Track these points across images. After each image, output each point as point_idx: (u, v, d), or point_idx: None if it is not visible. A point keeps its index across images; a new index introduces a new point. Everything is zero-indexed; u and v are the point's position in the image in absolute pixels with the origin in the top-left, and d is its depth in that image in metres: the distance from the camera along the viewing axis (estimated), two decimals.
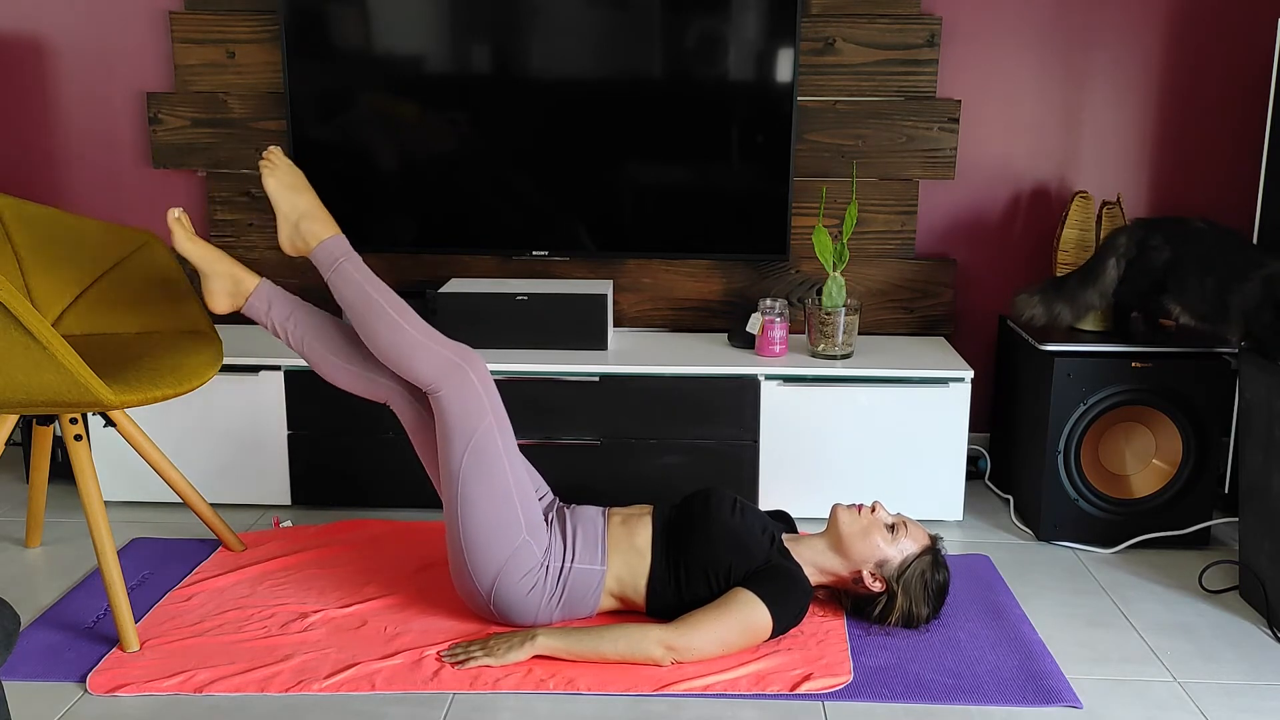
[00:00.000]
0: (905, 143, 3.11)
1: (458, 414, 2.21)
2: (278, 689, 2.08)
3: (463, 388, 2.21)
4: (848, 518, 2.31)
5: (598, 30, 2.97)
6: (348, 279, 2.27)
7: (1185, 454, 2.75)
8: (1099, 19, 3.08)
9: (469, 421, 2.21)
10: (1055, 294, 2.78)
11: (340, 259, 2.28)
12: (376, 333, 2.24)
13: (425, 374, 2.22)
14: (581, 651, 2.15)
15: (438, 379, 2.21)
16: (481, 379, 2.24)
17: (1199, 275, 2.58)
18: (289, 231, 2.31)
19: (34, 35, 3.20)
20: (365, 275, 2.27)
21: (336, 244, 2.29)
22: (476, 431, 2.21)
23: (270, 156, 2.32)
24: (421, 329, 2.25)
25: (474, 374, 2.23)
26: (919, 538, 2.31)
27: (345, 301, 2.27)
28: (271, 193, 2.31)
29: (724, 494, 2.36)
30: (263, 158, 2.33)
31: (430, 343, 2.23)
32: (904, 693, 2.08)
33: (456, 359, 2.23)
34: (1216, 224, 2.67)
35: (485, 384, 2.24)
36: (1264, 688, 2.14)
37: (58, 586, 2.52)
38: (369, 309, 2.24)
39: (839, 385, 2.83)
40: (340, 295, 2.28)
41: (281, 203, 2.30)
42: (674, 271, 3.22)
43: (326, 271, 2.28)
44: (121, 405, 2.15)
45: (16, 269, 2.54)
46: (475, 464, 2.21)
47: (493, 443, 2.22)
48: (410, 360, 2.22)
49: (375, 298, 2.25)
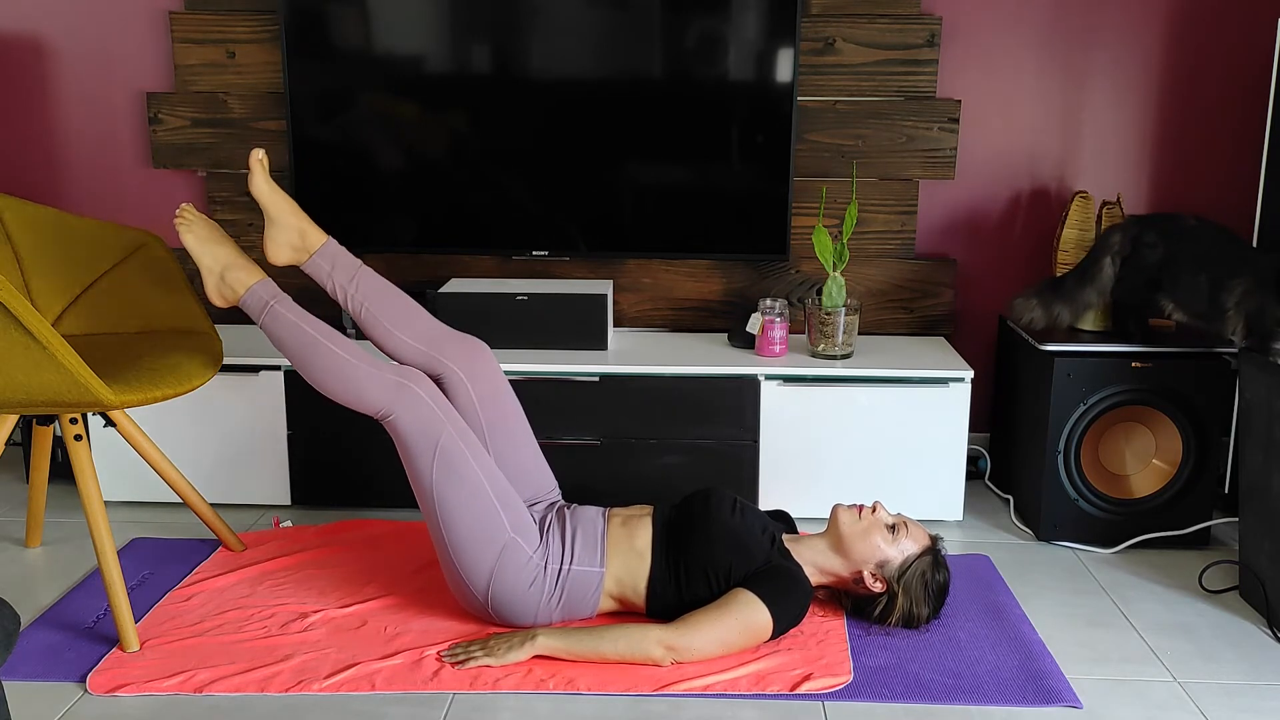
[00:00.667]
0: (905, 143, 3.11)
1: (415, 432, 2.22)
2: (278, 689, 2.08)
3: (413, 406, 2.23)
4: (848, 518, 2.31)
5: (598, 30, 2.97)
6: (280, 320, 2.29)
7: (1185, 454, 2.75)
8: (1099, 19, 3.08)
9: (427, 436, 2.22)
10: (1053, 295, 2.78)
11: (270, 301, 2.30)
12: (316, 368, 2.26)
13: (373, 401, 2.23)
14: (581, 652, 2.15)
15: (387, 403, 2.23)
16: (430, 394, 2.26)
17: (1192, 273, 2.58)
18: (214, 283, 2.34)
19: (34, 35, 3.20)
20: (299, 314, 2.29)
21: (264, 288, 2.32)
22: (438, 444, 2.22)
23: (184, 214, 2.37)
24: (362, 358, 2.26)
25: (421, 390, 2.25)
26: (919, 538, 2.31)
27: (282, 344, 2.29)
28: (191, 248, 2.35)
29: (724, 494, 2.36)
30: (177, 215, 2.36)
31: (371, 369, 2.24)
32: (904, 693, 2.08)
33: (400, 379, 2.24)
34: (1208, 220, 2.67)
35: (434, 397, 2.26)
36: (1264, 688, 2.14)
37: (58, 586, 2.52)
38: (305, 345, 2.26)
39: (839, 385, 2.83)
40: (276, 338, 2.30)
41: (204, 257, 2.34)
42: (674, 271, 3.22)
43: (258, 316, 2.30)
44: (121, 405, 2.15)
45: (16, 269, 2.54)
46: (444, 474, 2.21)
47: (457, 451, 2.23)
48: (356, 390, 2.24)
49: (310, 333, 2.27)
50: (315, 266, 2.38)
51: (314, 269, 2.38)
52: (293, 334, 2.27)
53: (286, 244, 2.37)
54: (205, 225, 2.37)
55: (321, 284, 2.40)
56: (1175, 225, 2.66)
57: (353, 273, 2.39)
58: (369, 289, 2.39)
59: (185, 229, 2.35)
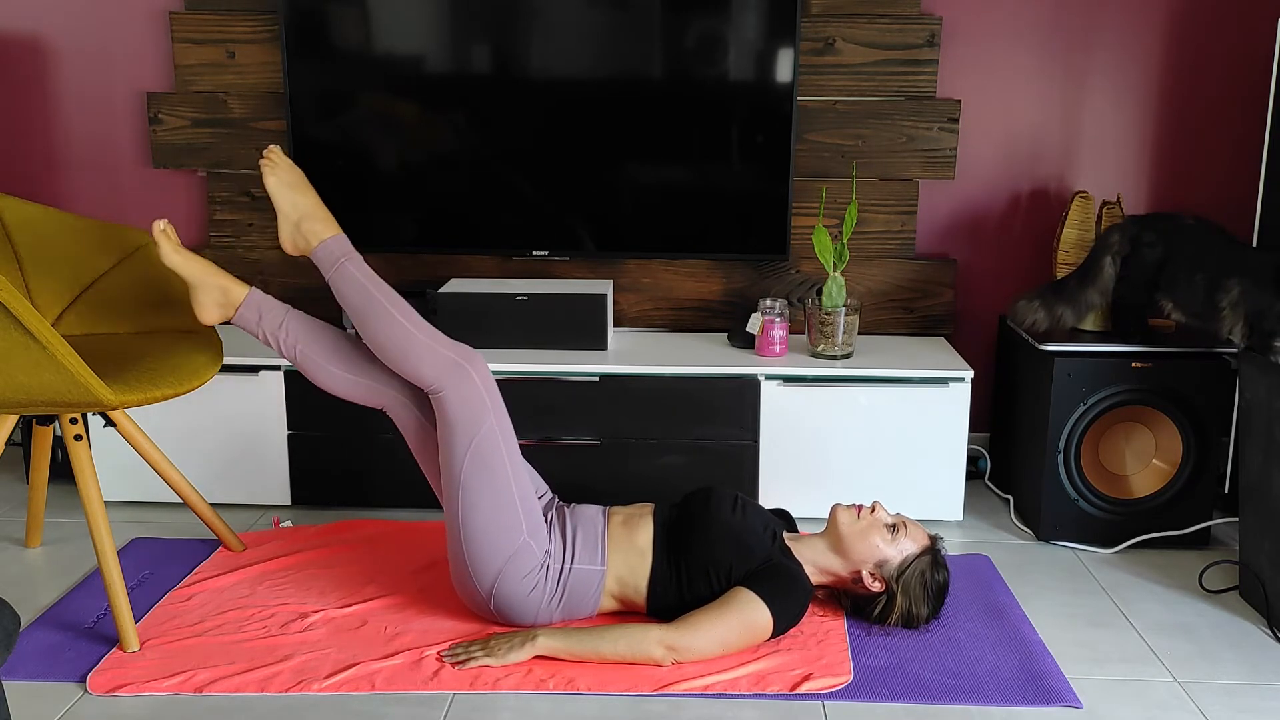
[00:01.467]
0: (905, 143, 3.11)
1: (460, 414, 2.21)
2: (278, 689, 2.07)
3: (464, 387, 2.21)
4: (847, 518, 2.31)
5: (598, 30, 2.97)
6: (349, 278, 2.26)
7: (1185, 454, 2.75)
8: (1099, 19, 3.08)
9: (471, 422, 2.21)
10: (1056, 297, 2.78)
11: (341, 259, 2.27)
12: (378, 332, 2.23)
13: (427, 374, 2.21)
14: (581, 652, 2.15)
15: (440, 378, 2.21)
16: (484, 379, 2.24)
17: (1189, 272, 2.58)
18: (290, 231, 2.30)
19: (34, 35, 3.20)
20: (367, 274, 2.27)
21: (338, 244, 2.28)
22: (479, 432, 2.21)
23: (271, 155, 2.31)
24: (424, 329, 2.24)
25: (476, 374, 2.23)
26: (919, 538, 2.31)
27: (347, 301, 2.26)
28: (272, 191, 2.30)
29: (725, 492, 2.36)
30: (263, 156, 2.32)
31: (432, 342, 2.23)
32: (904, 693, 2.08)
33: (458, 359, 2.22)
34: (1206, 220, 2.67)
35: (487, 384, 2.24)
36: (1264, 688, 2.14)
37: (58, 586, 2.52)
38: (370, 308, 2.24)
39: (839, 385, 2.83)
40: (341, 295, 2.27)
41: (282, 202, 2.29)
42: (674, 271, 3.22)
43: (328, 271, 2.27)
44: (121, 405, 2.15)
45: (16, 269, 2.54)
46: (477, 465, 2.20)
47: (494, 444, 2.22)
48: (412, 360, 2.22)
49: (377, 296, 2.24)
50: (242, 319, 2.32)
51: (242, 321, 2.32)
52: (360, 295, 2.24)
53: (211, 304, 2.32)
54: (290, 170, 2.31)
55: (253, 335, 2.35)
56: (1173, 224, 2.66)
57: (280, 319, 2.32)
58: (299, 333, 2.32)
59: (269, 170, 2.29)
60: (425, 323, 2.26)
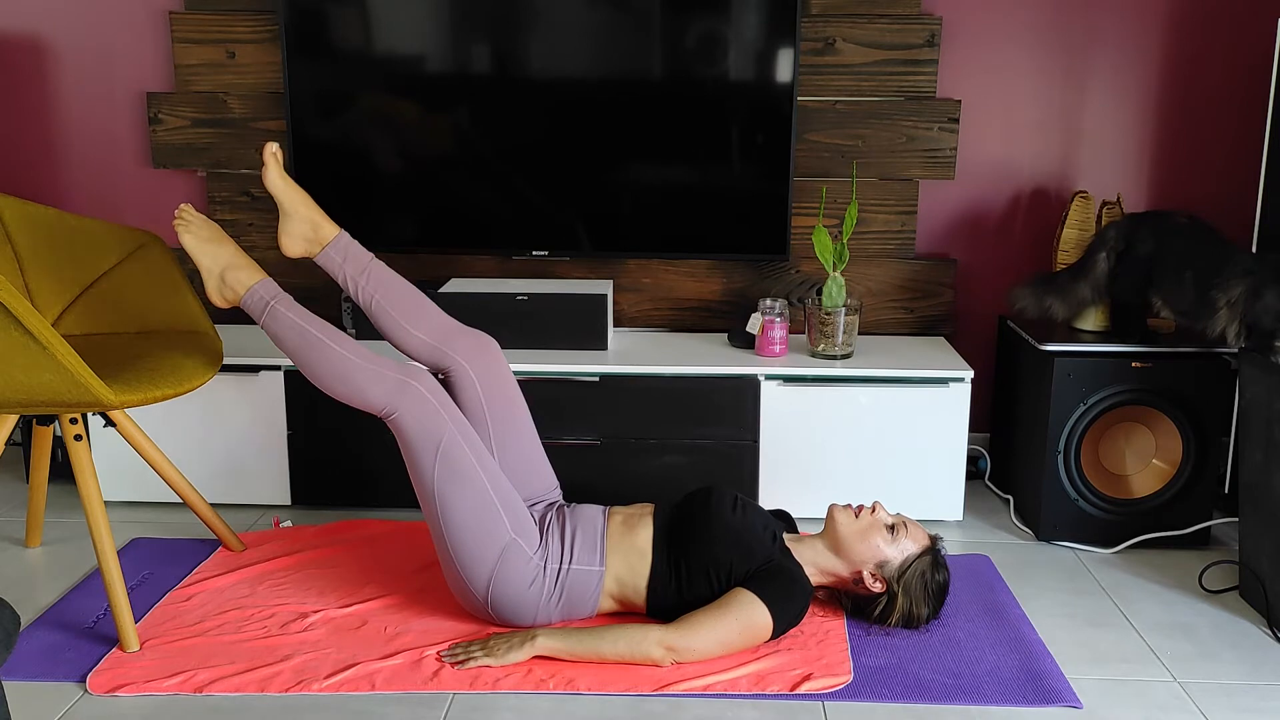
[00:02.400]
0: (905, 143, 3.11)
1: (417, 431, 2.22)
2: (278, 689, 2.08)
3: (416, 404, 2.22)
4: (844, 518, 2.31)
5: (598, 30, 2.97)
6: (280, 319, 2.28)
7: (1185, 454, 2.75)
8: (1099, 19, 3.08)
9: (429, 436, 2.22)
10: (1046, 287, 2.80)
11: (270, 301, 2.30)
12: (318, 366, 2.25)
13: (376, 399, 2.23)
14: (581, 652, 2.15)
15: (389, 401, 2.22)
16: (432, 390, 2.25)
17: (1178, 269, 2.59)
18: (215, 284, 2.34)
19: (34, 35, 3.20)
20: (299, 313, 2.29)
21: (264, 288, 2.31)
22: (440, 443, 2.21)
23: (182, 214, 2.36)
24: (364, 356, 2.26)
25: (423, 387, 2.24)
26: (919, 538, 2.31)
27: (282, 343, 2.29)
28: (191, 250, 2.34)
29: (725, 492, 2.36)
30: (176, 216, 2.36)
31: (374, 367, 2.24)
32: (904, 693, 2.08)
33: (402, 377, 2.23)
34: (1198, 219, 2.68)
35: (437, 395, 2.25)
36: (1264, 688, 2.14)
37: (58, 586, 2.52)
38: (306, 344, 2.26)
39: (839, 385, 2.83)
40: (275, 338, 2.29)
41: (202, 257, 2.34)
42: (674, 271, 3.22)
43: (259, 316, 2.30)
44: (121, 405, 2.15)
45: (16, 269, 2.54)
46: (446, 474, 2.21)
47: (458, 449, 2.22)
48: (359, 389, 2.23)
49: (311, 332, 2.26)
50: (327, 259, 2.38)
51: (326, 261, 2.38)
52: (294, 333, 2.27)
53: (300, 236, 2.37)
54: (204, 225, 2.37)
55: (334, 276, 2.40)
56: (1166, 222, 2.67)
57: (364, 265, 2.39)
58: (379, 282, 2.39)
59: (184, 229, 2.35)
60: (364, 349, 2.27)
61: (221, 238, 2.37)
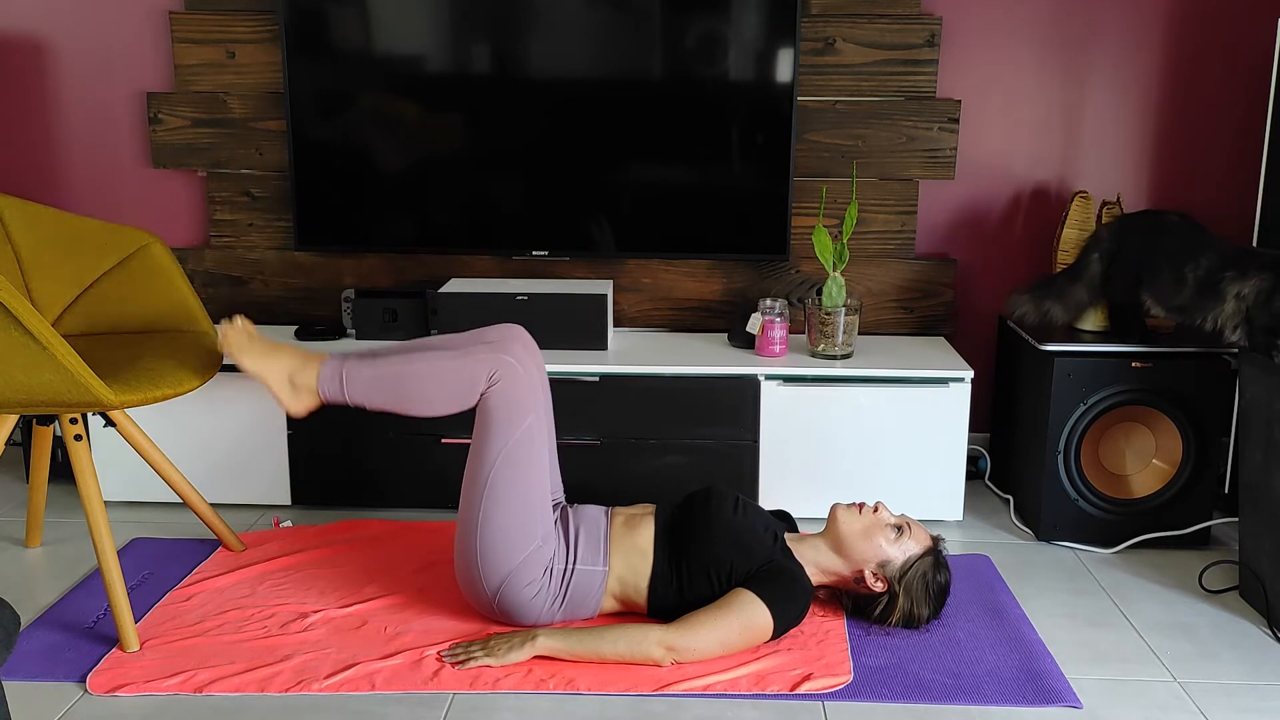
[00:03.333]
0: (905, 143, 3.11)
1: (502, 406, 2.14)
2: (278, 689, 2.07)
3: (510, 379, 2.13)
4: (847, 517, 2.31)
5: (598, 30, 2.97)
6: (361, 380, 2.17)
7: (1185, 454, 2.75)
8: (1099, 19, 3.08)
9: (513, 417, 2.15)
10: (1044, 291, 2.80)
11: (341, 374, 2.18)
12: (423, 401, 2.15)
13: (480, 380, 2.13)
14: (582, 652, 2.15)
15: (488, 374, 2.14)
16: (526, 368, 2.17)
17: (1172, 267, 2.59)
18: (288, 394, 2.21)
19: (34, 35, 3.20)
20: (368, 362, 2.18)
21: (328, 368, 2.19)
22: (519, 429, 2.17)
23: (228, 337, 2.21)
24: (448, 353, 2.17)
25: (517, 362, 2.15)
26: (921, 539, 2.31)
27: (379, 399, 2.16)
28: (253, 372, 2.20)
29: (726, 492, 2.36)
30: (223, 343, 2.21)
31: (465, 355, 2.16)
32: (904, 693, 2.08)
33: (496, 353, 2.14)
34: (1189, 216, 2.68)
35: (539, 370, 2.18)
36: (1264, 688, 2.14)
37: (58, 586, 2.52)
38: (400, 383, 2.16)
39: (839, 385, 2.83)
40: (370, 400, 2.17)
41: (268, 375, 2.20)
42: (674, 271, 3.22)
43: (342, 396, 2.17)
44: (121, 405, 2.15)
45: (16, 269, 2.54)
46: (509, 465, 2.17)
47: (530, 443, 2.18)
48: (464, 391, 2.14)
49: (393, 368, 2.16)
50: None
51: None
52: (379, 382, 2.15)
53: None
54: (253, 339, 2.22)
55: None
56: (1157, 221, 2.68)
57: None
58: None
59: (239, 353, 2.20)
60: (443, 341, 2.20)
61: (274, 347, 2.23)
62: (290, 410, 2.22)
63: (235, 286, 3.25)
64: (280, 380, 2.21)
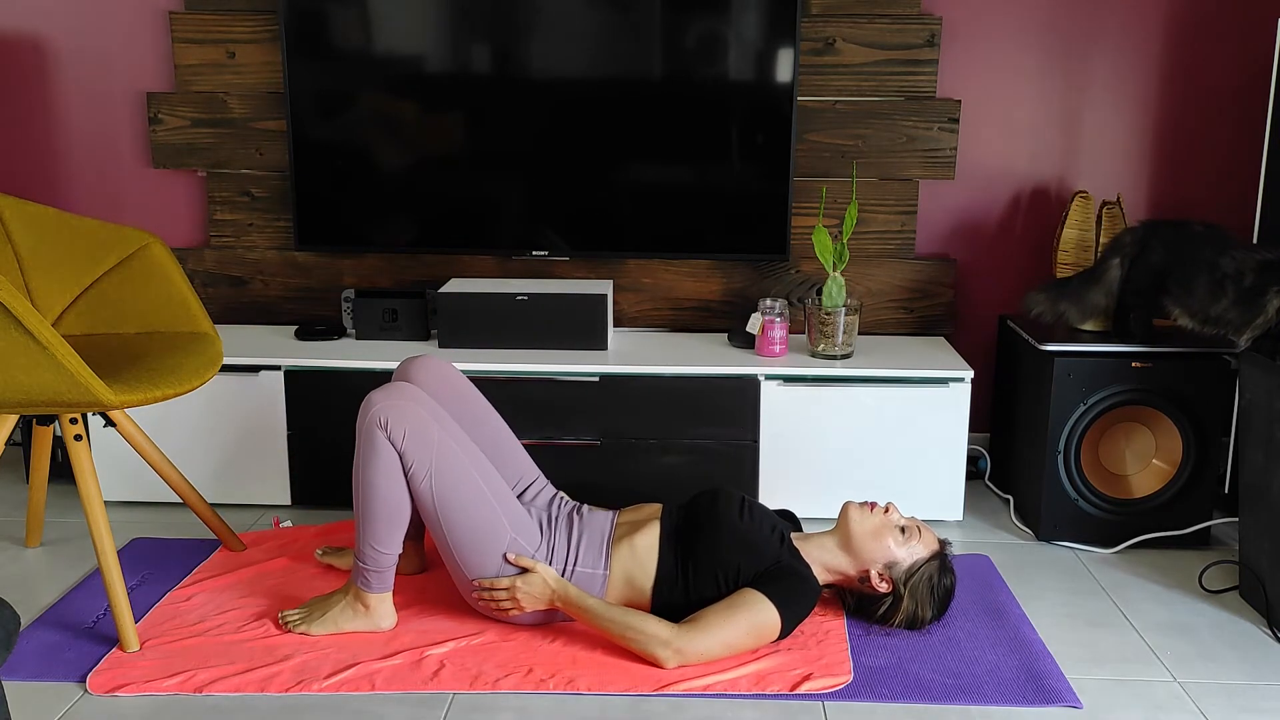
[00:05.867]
0: (905, 143, 3.11)
1: (404, 439, 2.17)
2: (278, 689, 2.07)
3: (401, 417, 2.18)
4: (858, 515, 2.31)
5: (598, 30, 2.97)
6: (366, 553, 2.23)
7: (1185, 454, 2.75)
8: (1099, 19, 3.08)
9: (419, 442, 2.18)
10: (1060, 292, 2.80)
11: (363, 568, 2.24)
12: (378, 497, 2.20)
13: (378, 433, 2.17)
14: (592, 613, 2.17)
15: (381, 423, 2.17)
16: (413, 396, 2.22)
17: (1207, 277, 2.56)
18: (368, 622, 2.27)
19: (34, 35, 3.20)
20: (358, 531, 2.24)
21: (357, 577, 2.26)
22: (431, 448, 2.19)
23: (290, 624, 2.28)
24: None
25: (404, 397, 2.20)
26: (930, 543, 2.30)
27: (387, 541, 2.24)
28: (325, 631, 2.27)
29: (732, 494, 2.35)
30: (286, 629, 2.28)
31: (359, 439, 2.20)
32: (904, 693, 2.08)
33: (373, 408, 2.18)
34: (1215, 226, 2.67)
35: (416, 396, 2.22)
36: (1264, 688, 2.14)
37: (58, 586, 2.52)
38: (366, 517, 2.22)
39: (839, 385, 2.83)
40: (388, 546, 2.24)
41: (343, 627, 2.27)
42: (674, 271, 3.22)
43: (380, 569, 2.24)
44: (121, 405, 2.15)
45: (16, 269, 2.54)
46: (441, 478, 2.20)
47: (450, 454, 2.21)
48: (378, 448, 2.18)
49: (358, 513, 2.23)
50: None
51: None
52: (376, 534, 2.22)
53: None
54: (309, 610, 2.30)
55: None
56: (1182, 230, 2.66)
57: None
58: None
59: (304, 626, 2.27)
60: None
61: (323, 603, 2.31)
62: (384, 629, 2.28)
63: (235, 286, 3.25)
64: (353, 623, 2.27)
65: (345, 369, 2.86)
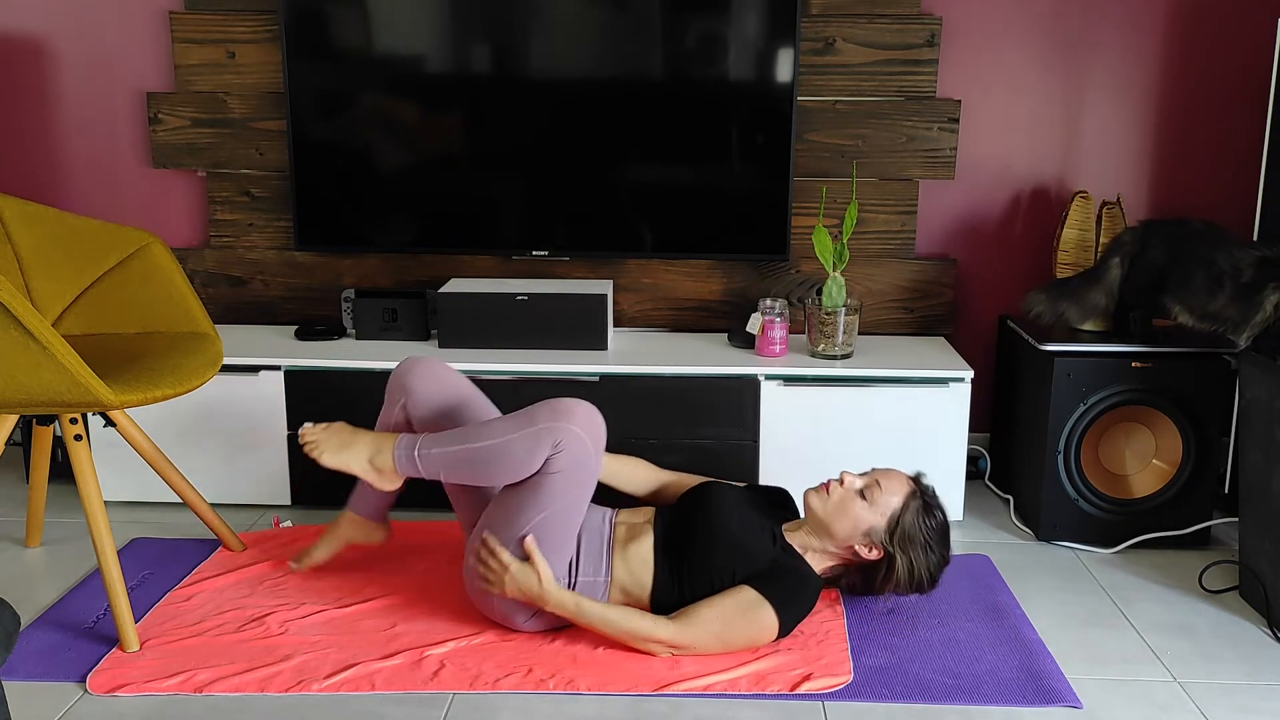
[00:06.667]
0: (905, 143, 3.11)
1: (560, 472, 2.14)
2: (278, 689, 2.08)
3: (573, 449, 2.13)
4: (817, 501, 2.29)
5: (598, 30, 2.97)
6: (434, 460, 2.20)
7: (1185, 454, 2.75)
8: (1099, 19, 3.08)
9: (568, 485, 2.16)
10: (1060, 292, 2.80)
11: (414, 456, 2.21)
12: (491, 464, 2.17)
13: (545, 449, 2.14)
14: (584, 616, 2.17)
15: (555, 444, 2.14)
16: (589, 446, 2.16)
17: (1206, 275, 2.56)
18: (374, 477, 2.26)
19: (34, 35, 3.20)
20: (439, 440, 2.21)
21: (402, 450, 2.23)
22: (568, 499, 2.17)
23: (306, 438, 2.27)
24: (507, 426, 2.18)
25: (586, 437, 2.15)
26: (897, 487, 2.27)
27: (452, 474, 2.21)
28: (336, 466, 2.25)
29: (723, 493, 2.35)
30: (304, 447, 2.27)
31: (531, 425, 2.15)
32: (904, 693, 2.08)
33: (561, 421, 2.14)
34: (1214, 224, 2.68)
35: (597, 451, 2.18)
36: (1264, 688, 2.14)
37: (58, 586, 2.52)
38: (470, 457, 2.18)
39: (839, 385, 2.83)
40: (445, 476, 2.22)
41: (350, 464, 2.25)
42: (674, 271, 3.22)
43: (418, 472, 2.22)
44: (121, 405, 2.15)
45: (16, 269, 2.54)
46: (545, 528, 2.17)
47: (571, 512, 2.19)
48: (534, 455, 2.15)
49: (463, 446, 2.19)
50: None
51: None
52: (453, 461, 2.19)
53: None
54: (331, 435, 2.27)
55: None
56: (1182, 230, 2.67)
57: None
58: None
59: (318, 453, 2.26)
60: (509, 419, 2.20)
61: (350, 438, 2.27)
62: (381, 489, 2.28)
63: (235, 286, 3.25)
64: (363, 466, 2.26)
65: (345, 369, 2.86)
